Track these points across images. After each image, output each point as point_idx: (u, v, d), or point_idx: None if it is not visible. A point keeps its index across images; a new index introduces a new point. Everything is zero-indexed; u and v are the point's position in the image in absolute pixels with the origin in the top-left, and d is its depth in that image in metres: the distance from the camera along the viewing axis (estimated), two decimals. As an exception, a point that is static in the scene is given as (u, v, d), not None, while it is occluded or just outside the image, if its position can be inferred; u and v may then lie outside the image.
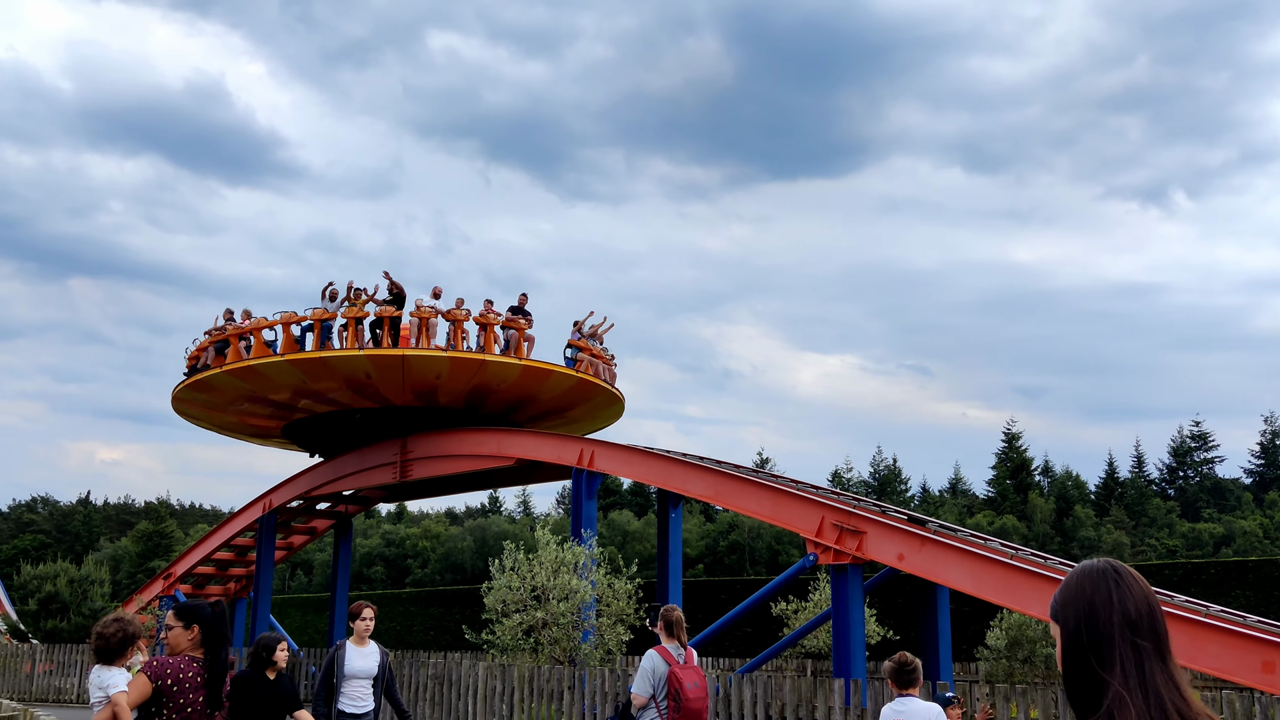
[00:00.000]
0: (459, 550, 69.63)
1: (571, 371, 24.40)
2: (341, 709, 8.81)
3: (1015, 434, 69.95)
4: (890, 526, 15.17)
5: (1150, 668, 2.08)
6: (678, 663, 7.91)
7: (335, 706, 8.80)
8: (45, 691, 24.79)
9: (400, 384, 24.27)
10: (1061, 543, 58.12)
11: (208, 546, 31.66)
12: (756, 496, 17.36)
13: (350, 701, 8.83)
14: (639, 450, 20.13)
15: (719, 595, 37.02)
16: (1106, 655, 2.11)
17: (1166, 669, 2.09)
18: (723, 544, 64.03)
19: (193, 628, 5.65)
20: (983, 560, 13.85)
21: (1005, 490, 67.13)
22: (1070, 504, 65.28)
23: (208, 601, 5.83)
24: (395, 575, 70.46)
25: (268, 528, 29.06)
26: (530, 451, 22.23)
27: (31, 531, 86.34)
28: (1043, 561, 15.47)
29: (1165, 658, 2.10)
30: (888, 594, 28.70)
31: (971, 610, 27.02)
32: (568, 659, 16.18)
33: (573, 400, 25.95)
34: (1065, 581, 2.25)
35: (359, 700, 8.87)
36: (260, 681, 7.82)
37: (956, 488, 74.81)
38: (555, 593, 16.24)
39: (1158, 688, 2.06)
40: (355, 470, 26.63)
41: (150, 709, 5.42)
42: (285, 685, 8.00)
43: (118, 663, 6.11)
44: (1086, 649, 2.14)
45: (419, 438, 25.02)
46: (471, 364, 23.57)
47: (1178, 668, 2.12)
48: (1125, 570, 2.21)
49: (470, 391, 24.74)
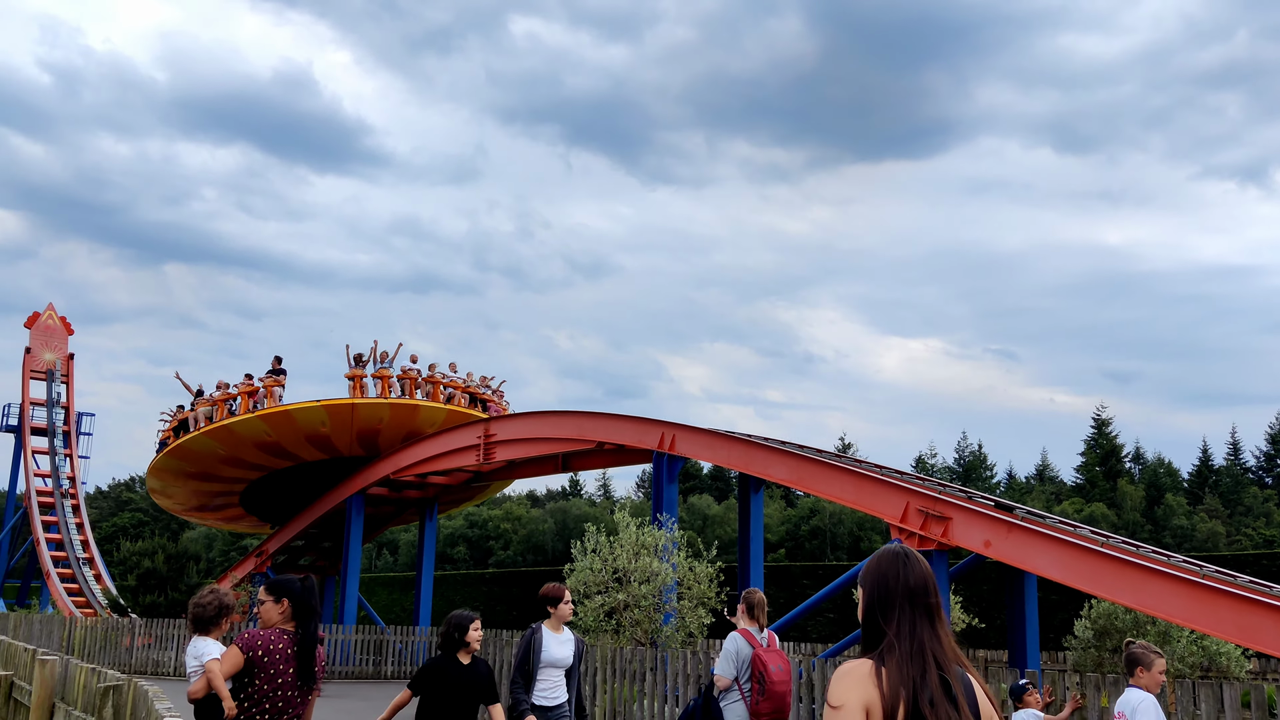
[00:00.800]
0: (540, 532, 70.34)
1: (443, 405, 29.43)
2: (533, 700, 8.02)
3: (1105, 420, 68.37)
4: (977, 512, 14.95)
5: (919, 625, 2.89)
6: (761, 645, 7.90)
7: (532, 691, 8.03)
8: (144, 664, 25.64)
9: (349, 432, 29.22)
10: (1153, 531, 56.73)
11: (298, 526, 32.42)
12: (839, 481, 17.23)
13: (543, 693, 8.05)
14: (720, 434, 20.10)
15: (801, 580, 36.90)
16: (888, 614, 2.92)
17: (933, 628, 2.90)
18: (804, 529, 63.71)
19: (283, 601, 5.80)
20: (1072, 547, 13.58)
21: (1094, 477, 65.69)
22: (1162, 492, 63.68)
23: (297, 576, 5.98)
24: (478, 556, 71.44)
25: (356, 508, 29.66)
26: (611, 435, 22.33)
27: (130, 510, 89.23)
28: (1134, 550, 15.12)
29: (933, 619, 2.91)
30: (973, 581, 28.32)
31: (1059, 598, 26.55)
32: (649, 641, 16.26)
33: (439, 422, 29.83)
34: (869, 560, 3.05)
35: (552, 691, 8.10)
36: (452, 666, 7.17)
37: (1044, 474, 73.42)
38: (636, 575, 16.32)
39: (921, 638, 2.86)
40: (440, 453, 27.03)
41: (243, 679, 5.58)
42: (481, 671, 7.30)
43: (213, 633, 6.28)
44: (876, 608, 2.95)
45: (501, 421, 25.30)
46: (408, 408, 28.66)
47: (944, 627, 2.92)
48: (912, 554, 3.04)
49: (405, 436, 29.32)
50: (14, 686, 8.73)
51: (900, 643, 2.85)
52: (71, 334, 56.30)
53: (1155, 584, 12.40)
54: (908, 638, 2.86)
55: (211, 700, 5.58)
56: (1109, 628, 19.19)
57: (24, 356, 54.33)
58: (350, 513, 29.67)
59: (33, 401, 53.80)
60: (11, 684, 8.79)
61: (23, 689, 8.30)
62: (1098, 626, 19.21)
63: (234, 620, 6.67)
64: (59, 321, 56.01)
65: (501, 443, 25.13)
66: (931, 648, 2.86)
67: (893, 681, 2.80)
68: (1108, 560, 13.07)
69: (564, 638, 8.24)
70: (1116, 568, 12.90)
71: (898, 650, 2.84)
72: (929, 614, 2.91)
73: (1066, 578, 13.52)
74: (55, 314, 56.10)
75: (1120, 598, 13.13)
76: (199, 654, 6.01)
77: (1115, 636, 19.18)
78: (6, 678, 8.85)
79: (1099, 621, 19.18)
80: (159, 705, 5.38)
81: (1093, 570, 13.17)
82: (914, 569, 2.97)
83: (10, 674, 8.87)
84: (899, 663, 2.81)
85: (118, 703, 6.05)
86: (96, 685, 6.36)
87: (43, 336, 54.78)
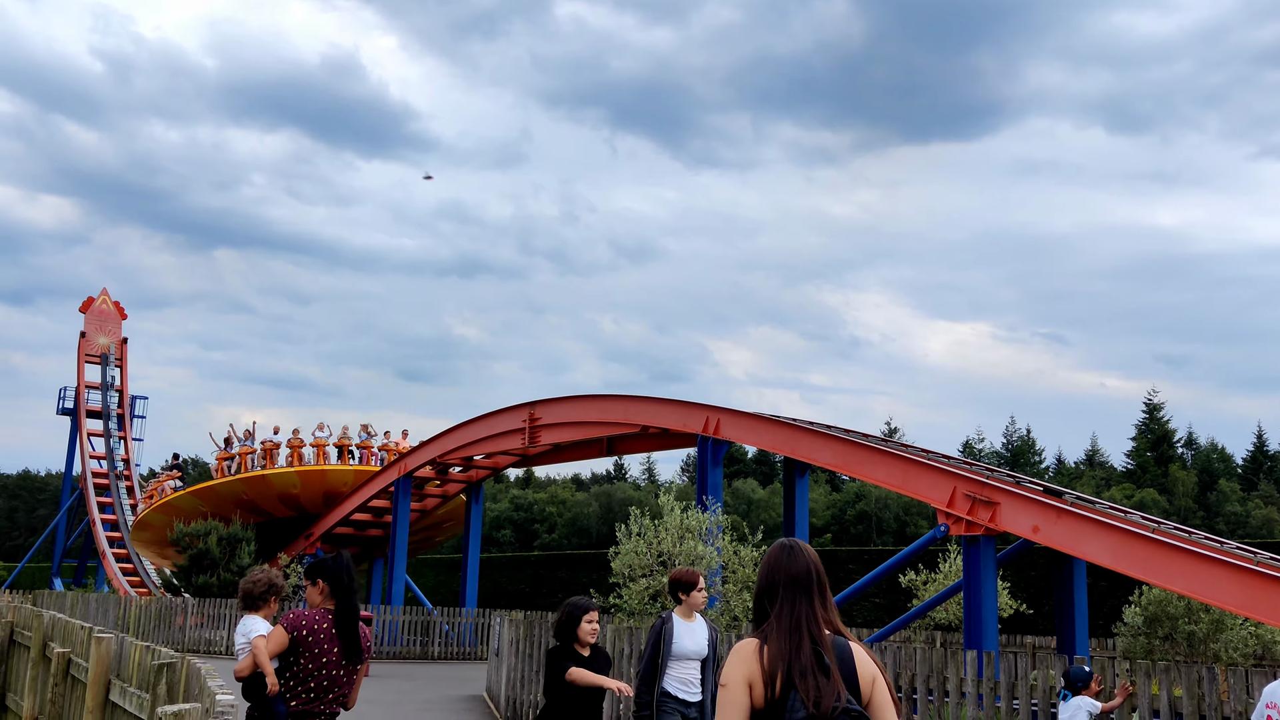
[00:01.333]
0: (585, 515, 70.63)
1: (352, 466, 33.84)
2: (668, 689, 7.43)
3: (1157, 404, 67.35)
4: (1025, 497, 14.80)
5: (799, 606, 3.28)
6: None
7: (660, 686, 7.43)
8: (196, 643, 26.11)
9: (318, 493, 33.72)
10: (1205, 517, 55.89)
11: (346, 508, 32.79)
12: (885, 466, 17.12)
13: (679, 685, 7.46)
14: (765, 418, 20.04)
15: (847, 565, 36.77)
16: (773, 598, 3.33)
17: (812, 607, 3.28)
18: (850, 513, 63.47)
19: (319, 582, 5.91)
20: (1123, 533, 13.41)
21: (1145, 462, 64.76)
22: (1215, 477, 62.70)
23: (329, 554, 6.08)
24: (523, 539, 71.89)
25: (403, 490, 29.93)
26: (656, 419, 22.34)
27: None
28: (1186, 535, 14.90)
29: (812, 600, 3.30)
30: (1021, 566, 28.07)
31: (1109, 585, 26.24)
32: (694, 624, 16.28)
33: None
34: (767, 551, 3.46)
35: (690, 686, 7.48)
36: (570, 658, 6.79)
37: (1093, 459, 72.53)
38: (681, 559, 16.33)
39: (798, 617, 3.26)
40: (486, 436, 27.19)
41: (288, 658, 5.69)
42: (602, 664, 6.93)
43: (261, 612, 6.41)
44: (764, 593, 3.37)
45: (546, 404, 25.39)
46: (366, 473, 32.68)
47: (823, 607, 3.30)
48: (799, 546, 3.42)
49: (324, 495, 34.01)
50: (71, 663, 8.92)
51: (779, 622, 3.27)
52: (125, 319, 57.24)
53: (1208, 571, 12.21)
54: (787, 617, 3.27)
55: (257, 677, 5.67)
56: (1160, 615, 18.93)
57: (79, 341, 55.33)
58: (398, 494, 29.96)
59: (88, 385, 54.79)
60: (69, 661, 8.98)
61: (80, 666, 8.48)
62: (1148, 613, 18.96)
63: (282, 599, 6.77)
64: (113, 306, 56.95)
65: (546, 426, 25.22)
66: (808, 625, 3.25)
67: (771, 656, 3.20)
68: (1159, 546, 12.89)
69: (696, 626, 7.65)
70: (1168, 554, 12.73)
71: (776, 629, 3.26)
72: (809, 596, 3.32)
73: (1117, 564, 13.36)
74: (109, 299, 57.04)
75: (1172, 584, 12.96)
76: (246, 632, 6.12)
77: (1166, 624, 18.92)
78: (65, 654, 9.04)
79: (1150, 608, 18.93)
80: (211, 682, 5.47)
81: (1144, 556, 13.00)
82: (798, 559, 3.39)
83: (68, 651, 9.06)
84: (776, 639, 3.23)
85: (171, 680, 6.16)
86: (151, 663, 6.48)
87: (97, 321, 55.74)
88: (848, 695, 3.18)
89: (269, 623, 6.29)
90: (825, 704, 3.10)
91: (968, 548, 15.23)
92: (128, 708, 6.94)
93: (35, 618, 10.46)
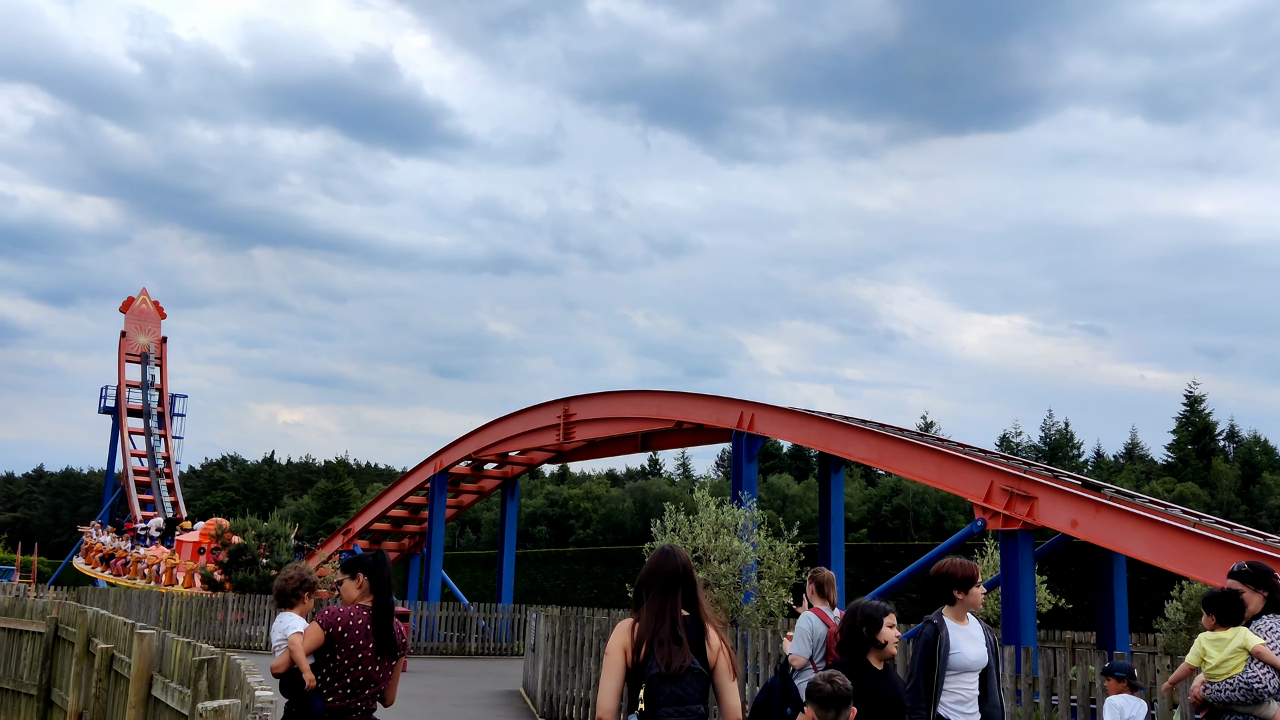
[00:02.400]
0: (620, 511, 70.70)
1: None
2: (944, 715, 6.01)
3: (1198, 397, 66.44)
4: (1063, 492, 14.67)
5: (665, 597, 4.55)
6: (834, 624, 7.82)
7: (934, 711, 6.01)
8: (236, 639, 26.39)
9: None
10: (1248, 511, 55.12)
11: (383, 504, 33.03)
12: (921, 460, 17.02)
13: (956, 706, 6.02)
14: (799, 413, 19.98)
15: (883, 560, 36.61)
16: (648, 590, 4.62)
17: (676, 598, 4.55)
18: (885, 508, 63.12)
19: (358, 576, 5.93)
20: (1163, 528, 13.26)
21: (1186, 456, 63.96)
22: (1258, 470, 61.80)
23: (367, 551, 6.19)
24: (559, 535, 72.08)
25: (439, 487, 30.12)
26: (690, 414, 22.33)
27: (222, 489, 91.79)
28: (1228, 530, 14.71)
29: (676, 593, 4.56)
30: (1060, 561, 27.82)
31: (1149, 579, 25.96)
32: (729, 620, 16.27)
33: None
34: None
35: (968, 704, 6.05)
36: (865, 674, 5.39)
37: (1133, 453, 71.70)
38: (716, 554, 16.33)
39: (664, 604, 4.53)
40: (521, 432, 27.29)
41: (324, 654, 5.73)
42: (898, 683, 5.59)
43: (297, 608, 6.43)
44: (642, 585, 4.64)
45: (581, 400, 25.44)
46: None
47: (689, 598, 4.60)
48: (675, 550, 4.70)
49: None
50: (114, 659, 9.04)
51: (649, 608, 4.58)
52: (164, 318, 57.90)
53: (1251, 565, 12.05)
54: (655, 603, 4.57)
55: (294, 674, 5.72)
56: (1202, 610, 18.69)
57: (120, 340, 56.04)
58: (434, 491, 30.13)
59: (129, 384, 55.49)
60: (112, 656, 9.11)
61: (123, 661, 8.59)
62: (1190, 609, 18.74)
63: (320, 596, 6.84)
64: (152, 306, 57.62)
65: (581, 422, 25.28)
66: (670, 610, 4.55)
67: (640, 631, 4.53)
68: (1201, 541, 12.74)
69: (973, 631, 6.25)
70: (1210, 548, 12.57)
71: (646, 612, 4.57)
72: (674, 590, 4.60)
73: (1158, 558, 13.21)
74: (149, 299, 57.71)
75: (1214, 579, 12.79)
76: (283, 629, 6.17)
77: (1209, 619, 18.66)
78: (108, 650, 9.17)
79: (1191, 603, 18.71)
80: (250, 679, 5.53)
81: (1185, 551, 12.85)
82: (669, 563, 4.66)
83: (111, 647, 9.18)
84: (645, 619, 4.55)
85: (212, 675, 6.23)
86: (192, 659, 6.56)
87: (137, 321, 56.42)
88: (694, 660, 4.50)
89: (304, 619, 6.35)
90: (674, 665, 4.43)
91: (1005, 542, 15.11)
92: (169, 703, 7.03)
93: (79, 614, 10.61)
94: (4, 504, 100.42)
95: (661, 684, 4.40)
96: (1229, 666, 6.20)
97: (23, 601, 13.62)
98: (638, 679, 4.47)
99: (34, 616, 12.52)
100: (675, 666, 4.41)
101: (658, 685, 4.40)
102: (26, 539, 73.86)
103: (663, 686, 4.40)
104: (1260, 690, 6.07)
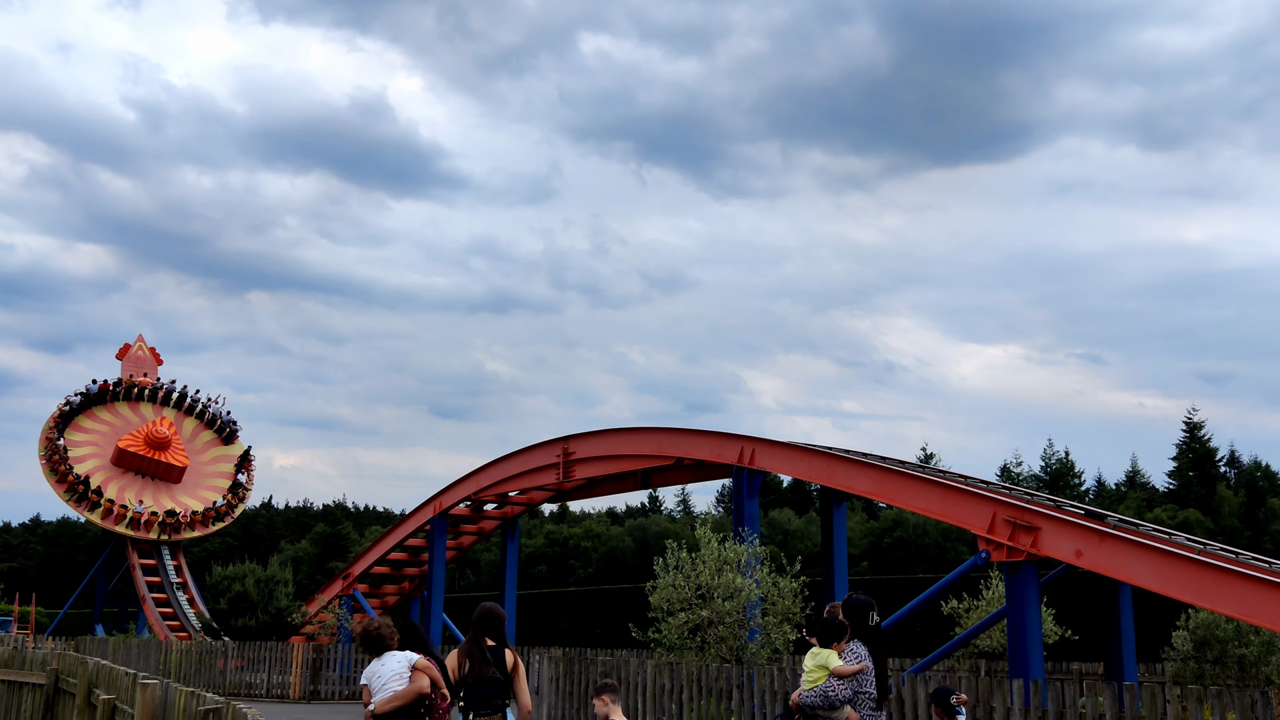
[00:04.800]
0: (621, 549, 70.35)
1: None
2: None
3: (1197, 423, 66.37)
4: (1067, 522, 14.63)
5: (479, 634, 7.92)
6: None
7: None
8: (237, 686, 26.16)
9: None
10: (1252, 537, 54.92)
11: (382, 548, 32.87)
12: (923, 493, 16.98)
13: None
14: (800, 447, 19.95)
15: (886, 594, 36.38)
16: (472, 629, 8.00)
17: (485, 633, 7.93)
18: (887, 540, 62.84)
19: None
20: (1168, 556, 13.21)
21: (1188, 482, 63.80)
22: (1261, 496, 61.66)
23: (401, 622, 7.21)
24: (559, 574, 71.68)
25: (439, 529, 29.98)
26: (691, 451, 22.29)
27: (220, 534, 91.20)
28: (1233, 556, 14.66)
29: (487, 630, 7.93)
30: (1065, 592, 27.65)
31: (1155, 609, 25.81)
32: (734, 658, 16.16)
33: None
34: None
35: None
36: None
37: (1135, 480, 71.51)
38: (720, 591, 16.23)
39: (478, 638, 7.90)
40: (520, 472, 27.21)
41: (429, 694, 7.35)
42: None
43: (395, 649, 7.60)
44: (472, 625, 8.04)
45: (581, 439, 25.39)
46: None
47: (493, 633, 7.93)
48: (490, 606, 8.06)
49: None
50: (116, 710, 8.95)
51: (470, 639, 7.84)
52: (161, 364, 57.83)
53: (1258, 592, 12.00)
54: (472, 637, 7.84)
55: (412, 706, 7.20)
56: (1209, 638, 18.60)
57: (117, 387, 55.84)
58: (434, 533, 30.00)
59: (126, 431, 55.23)
60: (114, 708, 9.02)
61: (125, 713, 8.50)
62: (1197, 637, 18.65)
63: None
64: (149, 352, 57.59)
65: (581, 460, 25.22)
66: (480, 640, 7.82)
67: (460, 654, 7.71)
68: (1207, 569, 12.68)
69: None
70: (1216, 576, 12.52)
71: (468, 642, 7.83)
72: (486, 629, 7.88)
73: (1164, 587, 13.15)
74: (145, 345, 57.70)
75: (1221, 607, 12.74)
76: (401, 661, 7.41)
77: (1216, 647, 18.59)
78: (109, 701, 9.08)
79: (1198, 632, 18.62)
80: (257, 728, 5.48)
81: (1191, 579, 12.79)
82: (484, 612, 7.98)
83: (113, 698, 9.10)
84: (466, 646, 7.81)
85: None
86: (197, 709, 6.49)
87: (133, 367, 56.35)
88: (495, 670, 7.62)
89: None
90: (481, 672, 7.56)
91: (1010, 574, 15.05)
92: (173, 754, 6.95)
93: (80, 665, 10.52)
94: (1, 554, 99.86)
95: (475, 685, 7.54)
96: (813, 678, 7.62)
97: (22, 653, 13.51)
98: (462, 683, 7.57)
99: (34, 668, 12.42)
100: (482, 673, 7.63)
101: (472, 686, 7.55)
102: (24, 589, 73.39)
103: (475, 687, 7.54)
104: (834, 698, 7.48)
